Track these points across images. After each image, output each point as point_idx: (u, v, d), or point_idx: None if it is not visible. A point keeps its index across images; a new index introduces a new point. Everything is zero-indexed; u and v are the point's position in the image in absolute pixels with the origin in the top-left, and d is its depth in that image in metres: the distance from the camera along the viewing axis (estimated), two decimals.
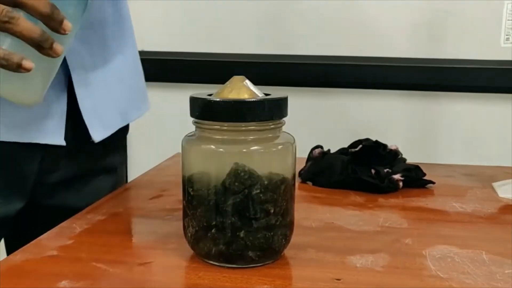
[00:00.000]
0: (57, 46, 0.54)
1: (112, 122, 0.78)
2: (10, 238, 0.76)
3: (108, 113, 0.76)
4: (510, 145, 1.29)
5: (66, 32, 0.54)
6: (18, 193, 0.72)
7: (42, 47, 0.53)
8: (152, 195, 0.77)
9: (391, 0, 1.34)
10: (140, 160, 1.45)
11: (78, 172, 0.76)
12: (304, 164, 0.87)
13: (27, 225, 0.73)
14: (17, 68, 0.52)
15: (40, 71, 0.56)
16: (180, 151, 0.55)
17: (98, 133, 0.74)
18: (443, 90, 1.36)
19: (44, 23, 0.53)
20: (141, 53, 0.80)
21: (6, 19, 0.51)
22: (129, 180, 0.89)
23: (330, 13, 1.36)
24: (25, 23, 0.52)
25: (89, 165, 0.78)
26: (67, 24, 0.54)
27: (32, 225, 0.70)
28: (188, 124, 0.54)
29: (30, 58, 0.53)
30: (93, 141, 0.74)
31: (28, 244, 0.58)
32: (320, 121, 1.40)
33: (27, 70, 0.53)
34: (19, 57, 0.52)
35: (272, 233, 0.52)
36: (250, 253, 0.52)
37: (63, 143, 0.72)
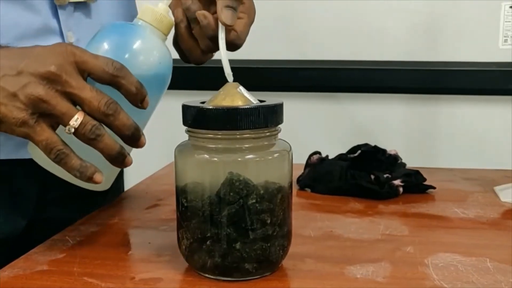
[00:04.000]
0: (129, 159, 0.53)
1: None
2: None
3: None
4: (510, 148, 1.28)
5: (139, 148, 0.54)
6: (21, 211, 0.70)
7: (115, 161, 0.52)
8: (148, 205, 0.75)
9: (389, 2, 1.33)
10: (135, 169, 1.44)
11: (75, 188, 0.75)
12: (302, 171, 0.86)
13: (26, 243, 0.71)
14: (88, 180, 0.51)
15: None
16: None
17: None
18: (442, 93, 1.35)
19: (123, 141, 0.52)
20: None
21: (93, 136, 0.50)
22: (124, 189, 0.88)
23: (326, 17, 1.34)
24: (108, 140, 0.50)
25: None
26: (142, 141, 0.53)
27: (30, 243, 0.69)
28: (183, 132, 0.53)
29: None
30: None
31: (17, 259, 0.56)
32: (318, 127, 1.39)
33: (97, 183, 0.51)
34: (92, 171, 0.51)
35: (269, 244, 0.51)
36: (247, 265, 0.50)
37: None
